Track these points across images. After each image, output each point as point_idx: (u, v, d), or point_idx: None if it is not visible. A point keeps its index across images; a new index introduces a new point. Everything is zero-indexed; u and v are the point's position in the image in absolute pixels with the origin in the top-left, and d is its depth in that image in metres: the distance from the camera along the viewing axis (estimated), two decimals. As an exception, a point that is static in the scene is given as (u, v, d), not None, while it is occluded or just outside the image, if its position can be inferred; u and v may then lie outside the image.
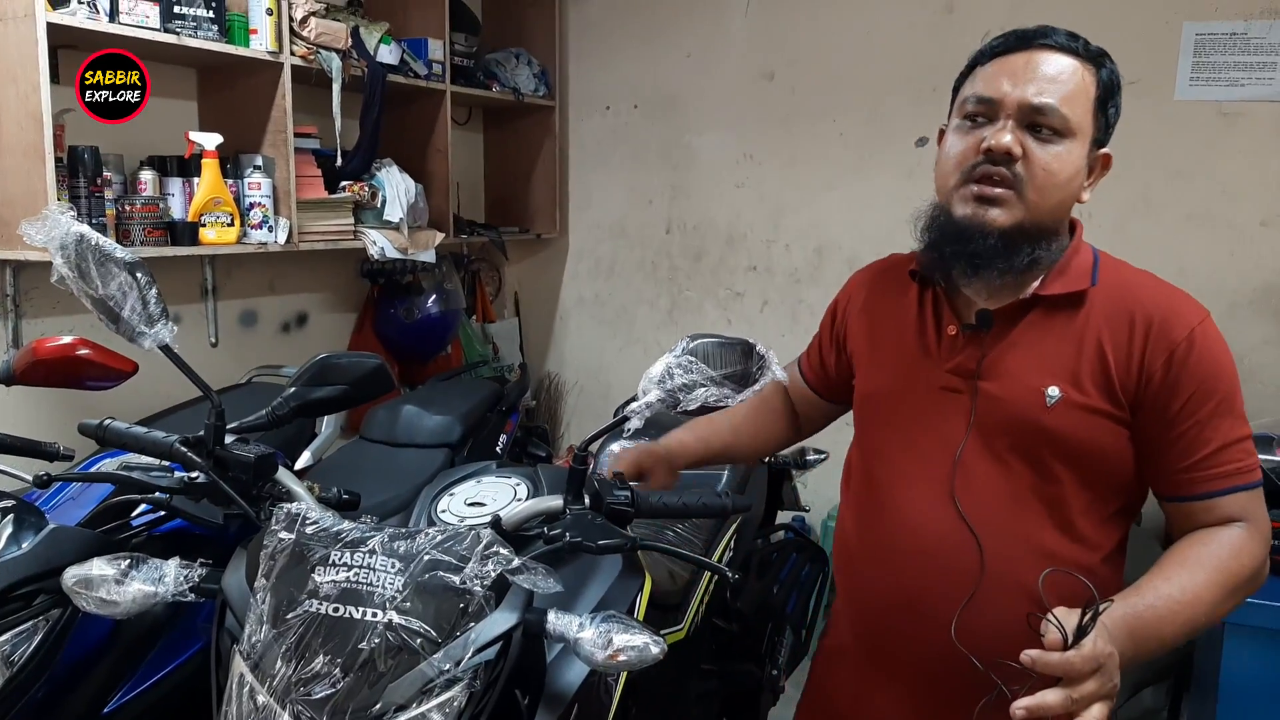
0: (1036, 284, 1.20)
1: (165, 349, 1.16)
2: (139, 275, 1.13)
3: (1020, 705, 0.93)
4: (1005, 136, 1.13)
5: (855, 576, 1.35)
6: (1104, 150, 1.21)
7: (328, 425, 2.54)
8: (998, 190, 1.14)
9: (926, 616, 1.19)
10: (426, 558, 1.01)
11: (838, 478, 1.44)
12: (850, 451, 1.41)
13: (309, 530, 1.03)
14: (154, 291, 1.14)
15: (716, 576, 1.78)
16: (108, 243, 1.14)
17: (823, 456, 2.31)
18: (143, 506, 1.45)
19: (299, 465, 2.35)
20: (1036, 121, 1.14)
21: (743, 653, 2.03)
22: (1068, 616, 0.96)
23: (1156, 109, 2.81)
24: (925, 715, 1.26)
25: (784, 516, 2.75)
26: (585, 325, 3.90)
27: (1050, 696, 0.94)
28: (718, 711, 1.97)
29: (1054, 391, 1.16)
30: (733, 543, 1.93)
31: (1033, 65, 1.15)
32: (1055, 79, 1.14)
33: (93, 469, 1.61)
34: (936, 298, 1.28)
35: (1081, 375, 1.16)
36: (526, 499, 1.35)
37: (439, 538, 1.04)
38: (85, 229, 1.15)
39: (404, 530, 1.05)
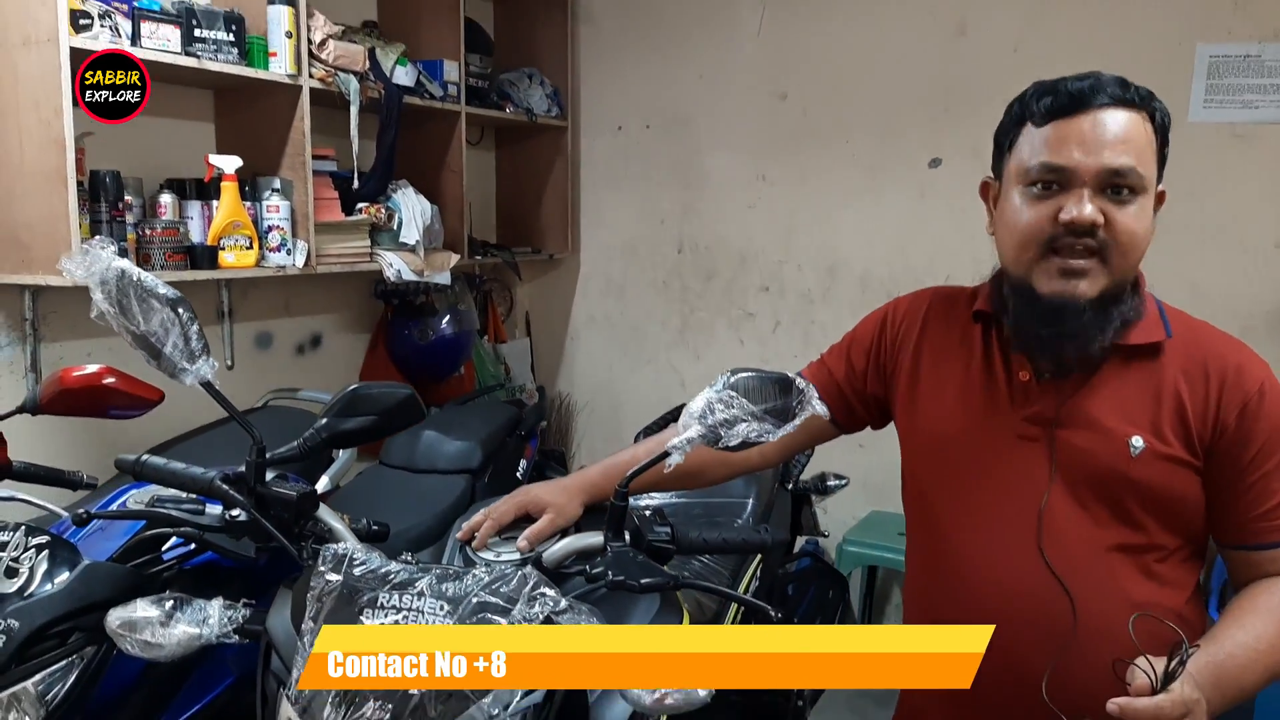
0: (1112, 333, 1.18)
1: (207, 385, 1.15)
2: (181, 311, 1.13)
3: None
4: (1087, 208, 1.10)
5: None
6: (1160, 187, 1.20)
7: (344, 451, 2.53)
8: (1082, 262, 1.12)
9: (1016, 674, 1.16)
10: (475, 600, 1.01)
11: (850, 501, 1.42)
12: (906, 495, 1.37)
13: (356, 571, 1.02)
14: (195, 327, 1.14)
15: (743, 607, 1.77)
16: (150, 278, 1.14)
17: (843, 482, 2.30)
18: (173, 540, 1.44)
19: (318, 490, 2.34)
20: (1116, 184, 1.12)
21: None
22: (1155, 662, 0.96)
23: (1170, 131, 2.82)
24: None
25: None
26: (596, 345, 3.90)
27: None
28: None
29: (1138, 442, 1.15)
30: (759, 573, 1.92)
31: (1100, 128, 1.12)
32: (1126, 139, 1.12)
33: (119, 500, 1.60)
34: (1004, 340, 1.26)
35: (1162, 425, 1.15)
36: (570, 536, 1.34)
37: (486, 579, 1.03)
38: (127, 264, 1.14)
39: (451, 570, 1.05)
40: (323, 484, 2.39)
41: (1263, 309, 2.78)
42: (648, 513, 1.29)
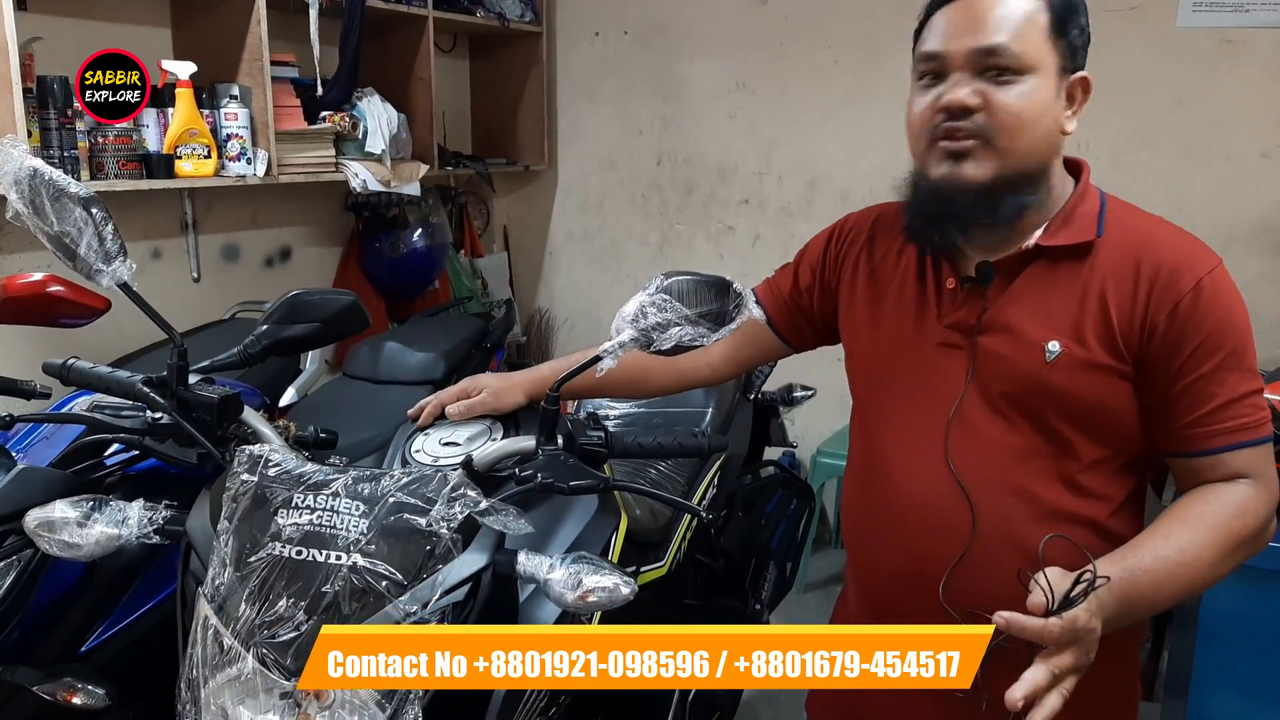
0: (1039, 234, 1.14)
1: (124, 287, 1.13)
2: (94, 211, 1.10)
3: (1015, 697, 0.90)
4: (960, 91, 1.08)
5: (859, 548, 1.32)
6: (1080, 74, 1.14)
7: (312, 362, 2.52)
8: (967, 143, 1.09)
9: (924, 579, 1.15)
10: (392, 500, 1.00)
11: (825, 413, 1.41)
12: (853, 415, 1.36)
13: (271, 472, 1.02)
14: (110, 228, 1.11)
15: (694, 519, 1.78)
16: (62, 177, 1.11)
17: (810, 393, 2.30)
18: (116, 446, 1.44)
19: (284, 402, 2.33)
20: (991, 65, 1.08)
21: (726, 588, 2.04)
22: (1060, 580, 0.93)
23: (1157, 37, 2.74)
24: (939, 700, 1.23)
25: (775, 453, 2.76)
26: (575, 260, 3.86)
27: (1038, 677, 0.91)
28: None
29: (1054, 347, 1.11)
30: (716, 480, 1.93)
31: (973, 10, 1.09)
32: (999, 19, 1.08)
33: (64, 408, 1.59)
34: (935, 250, 1.23)
35: (1084, 329, 1.11)
36: (501, 439, 1.33)
37: (404, 480, 1.03)
38: (39, 163, 1.11)
39: (369, 472, 1.04)
40: (289, 395, 2.38)
41: (1245, 219, 2.74)
42: (583, 417, 1.28)
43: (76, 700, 1.27)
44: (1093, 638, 0.94)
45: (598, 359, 1.15)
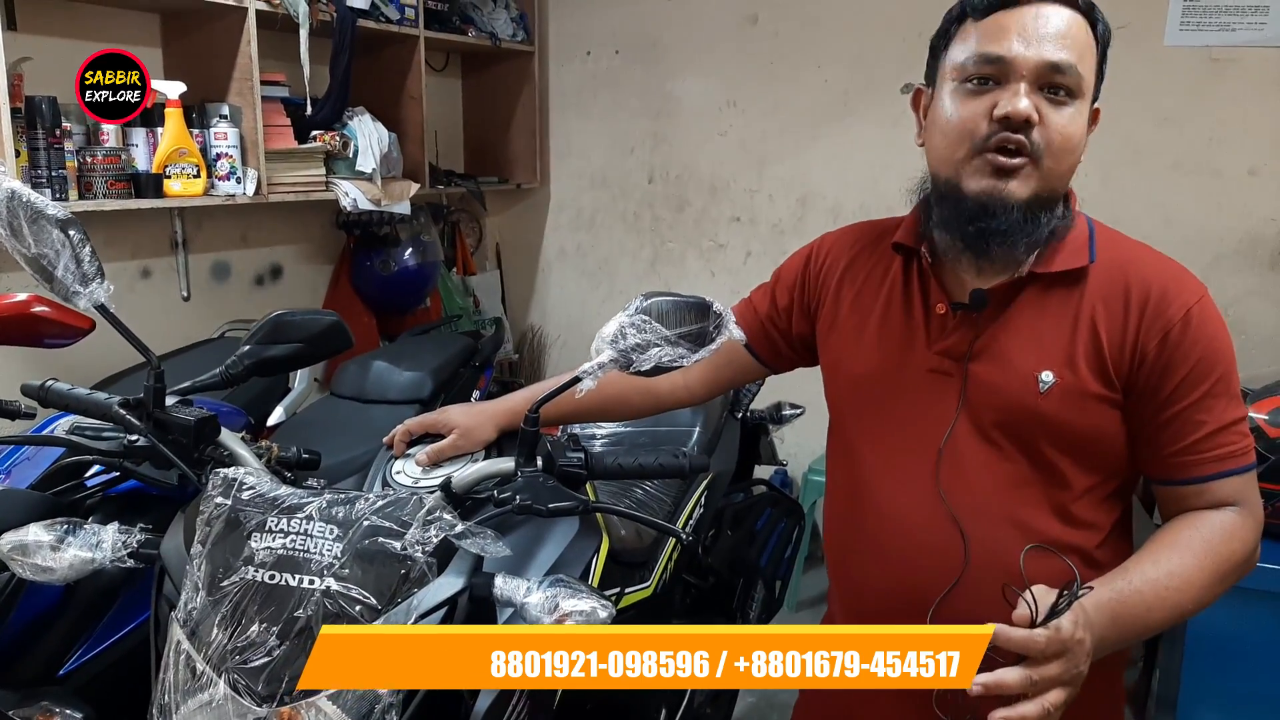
0: (1031, 261, 1.13)
1: (101, 309, 1.12)
2: (71, 233, 1.09)
3: (979, 681, 0.89)
4: (1023, 101, 1.04)
5: (846, 573, 1.30)
6: (1095, 106, 1.14)
7: (300, 381, 2.51)
8: (1015, 160, 1.06)
9: (916, 611, 1.13)
10: (366, 524, 0.99)
11: (815, 431, 1.38)
12: (829, 433, 1.34)
13: (245, 495, 1.01)
14: (88, 249, 1.10)
15: (679, 544, 1.77)
16: (39, 199, 1.10)
17: (799, 411, 2.29)
18: (97, 468, 1.43)
19: (272, 421, 2.32)
20: (1054, 82, 1.06)
21: (714, 607, 2.03)
22: (1045, 595, 0.92)
23: (1145, 54, 2.75)
24: (927, 710, 1.21)
25: (766, 472, 2.75)
26: (568, 277, 3.86)
27: (1010, 675, 0.90)
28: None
29: (1047, 377, 1.10)
30: (703, 499, 1.92)
31: (1042, 20, 1.06)
32: (1068, 35, 1.06)
33: (46, 429, 1.58)
34: (924, 273, 1.21)
35: (1076, 357, 1.10)
36: (482, 461, 1.32)
37: (379, 503, 1.02)
38: (16, 184, 1.11)
39: (344, 495, 1.03)
40: (277, 414, 2.37)
41: (1234, 237, 2.74)
42: (564, 439, 1.28)
43: (53, 724, 1.26)
44: (1081, 650, 0.93)
45: (577, 380, 1.14)
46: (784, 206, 3.39)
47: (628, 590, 1.60)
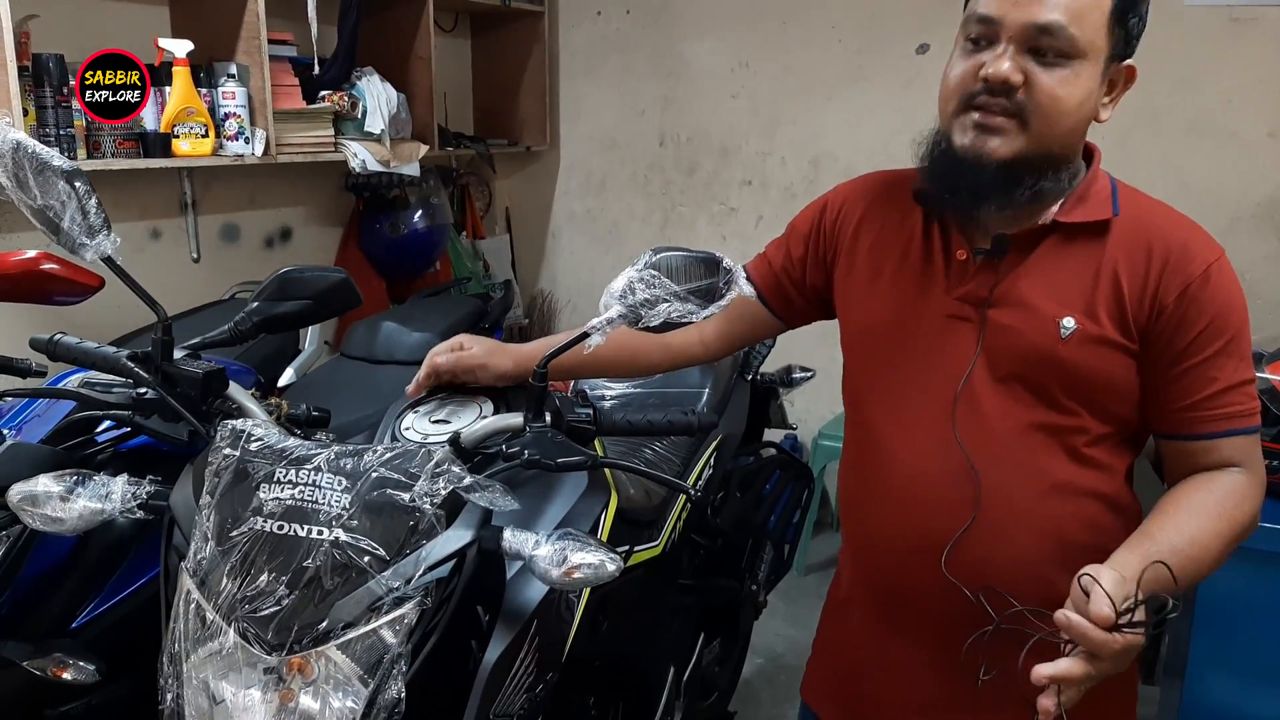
0: (1055, 209, 1.13)
1: (108, 261, 1.12)
2: (77, 184, 1.09)
3: (1043, 674, 0.89)
4: (1003, 65, 1.04)
5: (859, 525, 1.30)
6: (1126, 63, 1.13)
7: (311, 341, 2.52)
8: (998, 120, 1.06)
9: (930, 556, 1.14)
10: (374, 475, 0.99)
11: (826, 395, 1.39)
12: (844, 386, 1.34)
13: (253, 447, 1.01)
14: (93, 201, 1.10)
15: (689, 501, 1.77)
16: (45, 150, 1.10)
17: (809, 375, 2.28)
18: (108, 424, 1.43)
19: (282, 382, 2.33)
20: (1041, 44, 1.05)
21: (722, 568, 2.04)
22: (1115, 586, 0.90)
23: (1164, 15, 2.67)
24: (941, 664, 1.20)
25: (776, 435, 2.75)
26: (577, 241, 3.85)
27: (1075, 669, 0.89)
28: (697, 625, 1.99)
29: (1069, 323, 1.11)
30: (712, 460, 1.92)
31: None
32: None
33: (57, 384, 1.59)
34: (944, 220, 1.21)
35: (1097, 306, 1.10)
36: (491, 417, 1.32)
37: (388, 455, 1.02)
38: (22, 136, 1.10)
39: (352, 447, 1.03)
40: (287, 375, 2.38)
41: (1251, 199, 2.71)
42: (572, 396, 1.27)
43: (66, 675, 1.27)
44: (1130, 655, 0.92)
45: (585, 335, 1.13)
46: (796, 170, 3.35)
47: (636, 549, 1.60)
